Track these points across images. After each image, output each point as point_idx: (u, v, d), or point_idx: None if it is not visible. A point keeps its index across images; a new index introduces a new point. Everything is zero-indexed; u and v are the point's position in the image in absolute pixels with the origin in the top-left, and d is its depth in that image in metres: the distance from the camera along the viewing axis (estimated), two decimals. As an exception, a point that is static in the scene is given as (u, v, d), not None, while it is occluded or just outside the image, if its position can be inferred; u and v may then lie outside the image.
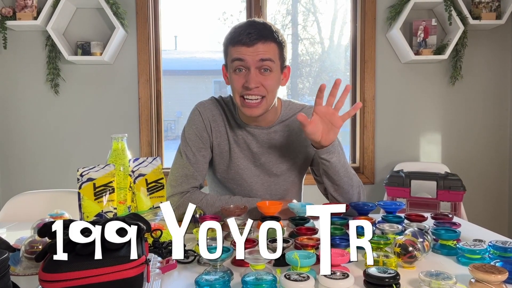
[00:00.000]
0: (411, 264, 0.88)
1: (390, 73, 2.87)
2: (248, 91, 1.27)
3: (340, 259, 0.81)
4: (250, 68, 1.26)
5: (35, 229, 1.03)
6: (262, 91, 1.28)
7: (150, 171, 1.11)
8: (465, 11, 2.64)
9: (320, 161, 1.30)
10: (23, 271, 0.90)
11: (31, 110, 2.80)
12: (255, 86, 1.26)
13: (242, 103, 1.30)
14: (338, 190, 1.32)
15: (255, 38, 1.24)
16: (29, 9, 2.60)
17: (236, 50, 1.26)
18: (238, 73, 1.28)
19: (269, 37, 1.27)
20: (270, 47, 1.27)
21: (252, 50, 1.25)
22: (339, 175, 1.29)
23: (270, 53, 1.26)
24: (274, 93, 1.32)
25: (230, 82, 1.33)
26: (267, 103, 1.31)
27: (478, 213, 2.88)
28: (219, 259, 0.80)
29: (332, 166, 1.28)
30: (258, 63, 1.25)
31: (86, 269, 0.66)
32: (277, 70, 1.30)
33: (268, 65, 1.26)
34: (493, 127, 2.92)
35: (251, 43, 1.24)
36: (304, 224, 1.10)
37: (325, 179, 1.33)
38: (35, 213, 1.40)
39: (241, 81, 1.28)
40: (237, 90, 1.30)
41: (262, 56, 1.25)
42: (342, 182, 1.31)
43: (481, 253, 0.90)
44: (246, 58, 1.25)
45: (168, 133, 3.35)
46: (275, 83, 1.31)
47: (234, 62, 1.28)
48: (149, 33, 2.80)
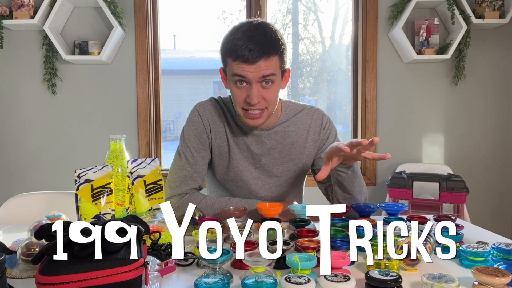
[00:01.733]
0: (414, 267, 0.88)
1: (392, 73, 2.87)
2: (250, 106, 1.27)
3: (341, 261, 0.81)
4: (252, 83, 1.24)
5: (32, 231, 1.03)
6: (264, 104, 1.28)
7: (149, 173, 1.11)
8: (468, 10, 2.65)
9: (336, 172, 1.30)
10: (19, 273, 0.90)
11: (28, 110, 2.80)
12: (257, 101, 1.26)
13: (244, 114, 1.31)
14: (349, 198, 1.33)
15: (257, 56, 1.20)
16: (25, 8, 2.60)
17: (237, 66, 1.23)
18: (239, 86, 1.27)
19: (271, 52, 1.23)
20: (272, 62, 1.24)
21: (254, 67, 1.22)
22: (353, 185, 1.30)
23: (272, 68, 1.24)
24: (275, 101, 1.33)
25: (231, 93, 1.33)
26: (269, 112, 1.32)
27: (481, 215, 2.88)
28: (219, 261, 0.80)
29: (348, 177, 1.29)
30: (260, 78, 1.24)
31: (83, 272, 0.66)
32: (278, 80, 1.29)
33: (270, 79, 1.25)
34: (496, 127, 2.92)
35: (253, 61, 1.21)
36: (304, 226, 1.10)
37: (337, 188, 1.33)
38: (32, 215, 1.40)
39: (242, 95, 1.27)
40: (238, 102, 1.29)
41: (264, 73, 1.23)
42: (355, 191, 1.32)
43: (484, 255, 0.90)
44: (248, 75, 1.23)
45: (167, 133, 3.35)
46: (277, 93, 1.31)
47: (234, 76, 1.26)
48: (147, 32, 2.81)
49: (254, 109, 1.27)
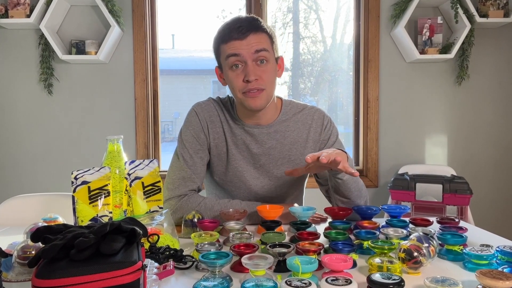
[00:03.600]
0: (416, 270, 0.88)
1: (395, 72, 2.88)
2: (248, 84, 1.28)
3: (343, 265, 0.81)
4: (247, 62, 1.28)
5: (28, 234, 1.03)
6: (262, 84, 1.30)
7: (147, 174, 1.11)
8: (472, 9, 2.65)
9: (332, 179, 1.31)
10: (15, 277, 0.90)
11: (24, 111, 2.81)
12: (255, 78, 1.28)
13: (244, 97, 1.32)
14: (348, 203, 1.34)
15: (246, 30, 1.27)
16: (21, 6, 2.61)
17: (229, 46, 1.29)
18: (235, 69, 1.30)
19: (259, 28, 1.30)
20: (262, 37, 1.30)
21: (245, 42, 1.27)
22: (350, 190, 1.31)
23: (264, 43, 1.30)
24: (273, 84, 1.35)
25: (228, 81, 1.34)
26: (267, 95, 1.33)
27: (485, 217, 2.88)
28: (218, 264, 0.80)
29: (344, 183, 1.29)
30: (254, 55, 1.28)
31: (80, 275, 0.66)
32: (272, 61, 1.33)
33: (263, 55, 1.29)
34: (501, 128, 2.92)
35: (243, 36, 1.27)
36: (305, 229, 1.10)
37: (335, 195, 1.35)
38: (28, 217, 1.40)
39: (240, 77, 1.30)
40: (237, 87, 1.31)
41: (257, 47, 1.28)
42: (353, 196, 1.33)
43: (488, 258, 0.90)
44: (241, 52, 1.27)
45: (165, 134, 3.35)
46: (273, 74, 1.34)
47: (229, 58, 1.29)
48: (145, 31, 2.81)
49: (253, 89, 1.29)
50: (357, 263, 0.95)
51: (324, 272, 0.83)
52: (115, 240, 0.71)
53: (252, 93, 1.29)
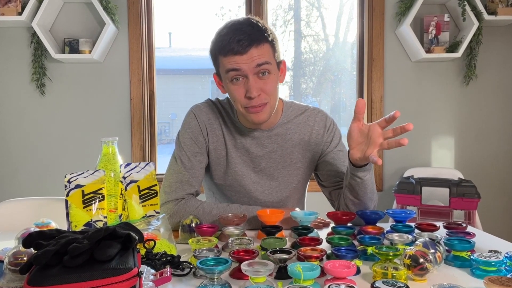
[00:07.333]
0: (422, 277, 0.89)
1: (400, 72, 2.88)
2: (251, 101, 1.27)
3: (346, 271, 0.81)
4: (248, 76, 1.26)
5: (20, 240, 1.03)
6: (264, 98, 1.29)
7: (143, 177, 1.11)
8: (480, 6, 2.65)
9: (351, 177, 1.29)
10: (6, 284, 0.90)
11: (15, 112, 2.81)
12: (257, 94, 1.27)
13: (246, 111, 1.31)
14: (359, 205, 1.32)
15: (247, 44, 1.23)
16: (13, 3, 2.61)
17: (229, 61, 1.26)
18: (235, 82, 1.29)
19: (261, 39, 1.26)
20: (264, 49, 1.26)
21: (246, 57, 1.24)
22: (366, 191, 1.30)
23: (266, 56, 1.27)
24: (276, 94, 1.34)
25: (229, 92, 1.33)
26: (271, 107, 1.33)
27: (494, 222, 2.88)
28: (217, 271, 0.80)
29: (363, 183, 1.28)
30: (255, 69, 1.26)
31: (74, 282, 0.66)
32: (275, 70, 1.31)
33: (266, 68, 1.27)
34: (509, 129, 2.92)
35: (244, 51, 1.23)
36: (307, 234, 1.10)
37: (349, 194, 1.32)
38: (20, 222, 1.40)
39: (241, 91, 1.28)
40: (239, 101, 1.30)
41: (258, 61, 1.25)
42: (366, 197, 1.31)
43: (497, 265, 0.90)
44: (242, 67, 1.25)
45: (162, 136, 3.36)
46: (275, 84, 1.32)
47: (229, 73, 1.28)
48: (141, 29, 2.81)
49: (256, 105, 1.28)
50: (360, 270, 0.95)
51: (327, 279, 0.83)
52: (110, 246, 0.71)
53: (255, 108, 1.29)
